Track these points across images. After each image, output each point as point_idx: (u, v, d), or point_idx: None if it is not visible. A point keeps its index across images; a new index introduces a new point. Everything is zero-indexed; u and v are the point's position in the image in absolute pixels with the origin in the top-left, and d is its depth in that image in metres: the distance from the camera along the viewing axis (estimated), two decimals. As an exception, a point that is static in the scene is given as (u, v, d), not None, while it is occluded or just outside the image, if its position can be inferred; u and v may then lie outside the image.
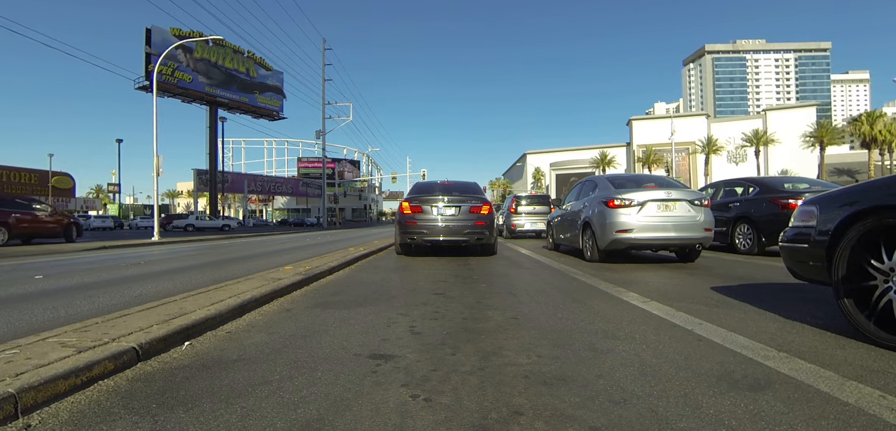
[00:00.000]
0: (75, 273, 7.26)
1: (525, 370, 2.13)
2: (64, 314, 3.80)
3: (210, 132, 43.32)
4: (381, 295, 4.25)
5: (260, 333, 2.90)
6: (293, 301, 4.05)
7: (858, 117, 42.69)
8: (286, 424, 1.59)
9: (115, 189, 57.69)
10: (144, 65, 36.22)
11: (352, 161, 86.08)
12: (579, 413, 1.65)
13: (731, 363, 2.19)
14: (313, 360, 2.32)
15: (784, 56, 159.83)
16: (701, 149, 55.13)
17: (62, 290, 5.26)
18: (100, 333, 2.49)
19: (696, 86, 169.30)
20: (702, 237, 6.63)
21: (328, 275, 5.73)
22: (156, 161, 19.26)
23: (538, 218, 16.24)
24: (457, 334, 2.80)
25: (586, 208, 7.62)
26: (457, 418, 1.62)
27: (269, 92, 48.16)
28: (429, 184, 9.90)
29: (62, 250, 12.88)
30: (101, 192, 79.15)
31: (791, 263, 3.06)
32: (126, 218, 62.78)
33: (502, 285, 4.86)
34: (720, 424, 1.56)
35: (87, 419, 1.66)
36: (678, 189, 7.04)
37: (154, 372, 2.16)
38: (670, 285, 4.80)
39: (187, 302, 3.42)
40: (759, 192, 8.52)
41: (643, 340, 2.62)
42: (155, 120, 19.14)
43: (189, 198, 78.23)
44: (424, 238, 7.95)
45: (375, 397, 1.83)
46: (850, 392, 1.81)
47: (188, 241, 19.21)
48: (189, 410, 1.72)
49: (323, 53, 46.67)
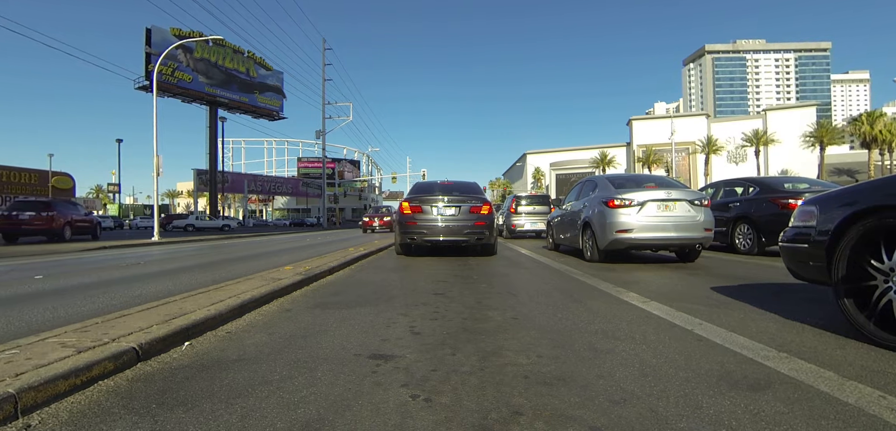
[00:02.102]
0: (75, 273, 7.26)
1: (525, 370, 2.13)
2: (64, 314, 3.80)
3: (210, 132, 43.30)
4: (381, 296, 4.25)
5: (260, 333, 2.90)
6: (293, 301, 4.05)
7: (858, 117, 42.70)
8: (286, 424, 1.59)
9: (115, 189, 57.67)
10: (144, 65, 36.20)
11: (352, 161, 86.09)
12: (579, 413, 1.65)
13: (731, 363, 2.19)
14: (313, 360, 2.32)
15: (784, 56, 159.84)
16: (701, 149, 55.13)
17: (62, 290, 5.26)
18: (100, 333, 2.49)
19: (696, 86, 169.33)
20: (702, 237, 6.63)
21: (328, 275, 5.73)
22: (156, 161, 19.26)
23: (538, 218, 16.24)
24: (457, 334, 2.80)
25: (586, 208, 7.62)
26: (457, 418, 1.62)
27: (269, 92, 48.14)
28: (429, 184, 9.90)
29: (62, 250, 12.88)
30: (101, 192, 79.18)
31: (791, 263, 3.06)
32: (126, 218, 62.75)
33: (502, 285, 4.86)
34: (720, 424, 1.56)
35: (86, 419, 1.66)
36: (678, 189, 7.04)
37: (154, 373, 2.16)
38: (670, 285, 4.80)
39: (187, 303, 3.42)
40: (759, 192, 8.52)
41: (643, 340, 2.62)
42: (155, 120, 19.15)
43: (189, 198, 78.29)
44: (424, 238, 7.95)
45: (375, 397, 1.83)
46: (850, 392, 1.81)
47: (188, 241, 19.21)
48: (189, 410, 1.72)
49: (323, 53, 46.71)
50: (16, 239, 16.81)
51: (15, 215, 16.59)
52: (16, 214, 16.61)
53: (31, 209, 16.97)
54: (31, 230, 16.71)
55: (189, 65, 39.91)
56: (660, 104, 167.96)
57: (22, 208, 16.92)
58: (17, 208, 16.93)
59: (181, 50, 38.04)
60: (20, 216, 16.58)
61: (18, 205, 17.20)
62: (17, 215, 16.58)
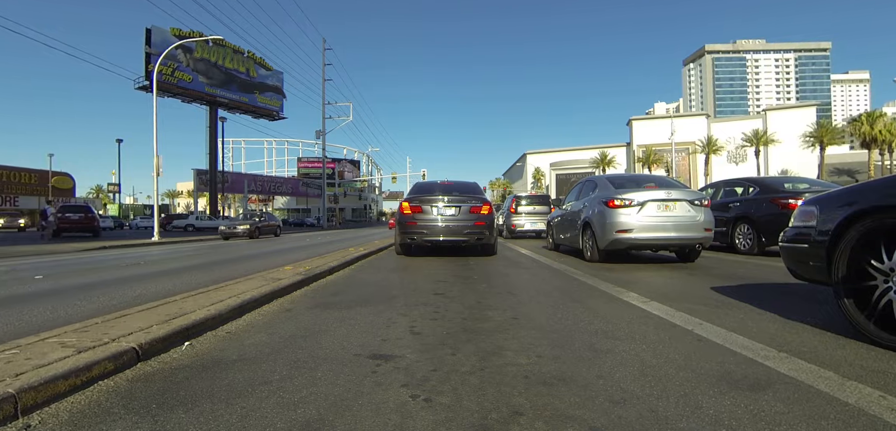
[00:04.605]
0: (75, 273, 7.26)
1: (525, 370, 2.13)
2: (64, 314, 3.80)
3: (210, 132, 43.29)
4: (381, 296, 4.24)
5: (260, 333, 2.90)
6: (293, 301, 4.05)
7: (858, 117, 42.69)
8: (286, 424, 1.59)
9: (115, 189, 57.68)
10: (144, 65, 36.20)
11: (352, 161, 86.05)
12: (579, 413, 1.65)
13: (731, 363, 2.19)
14: (313, 360, 2.32)
15: (784, 56, 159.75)
16: (701, 149, 55.13)
17: (62, 290, 5.26)
18: (100, 333, 2.49)
19: (696, 87, 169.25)
20: (702, 237, 6.63)
21: (328, 275, 5.73)
22: (156, 161, 19.26)
23: (538, 218, 16.24)
24: (457, 334, 2.80)
25: (586, 208, 7.62)
26: (457, 418, 1.62)
27: (269, 92, 48.13)
28: (429, 184, 9.91)
29: (62, 250, 12.88)
30: (101, 192, 79.17)
31: (791, 263, 3.06)
32: (126, 218, 62.68)
33: (502, 285, 4.86)
34: (720, 424, 1.56)
35: (86, 419, 1.66)
36: (678, 189, 7.04)
37: (154, 373, 2.16)
38: (670, 285, 4.80)
39: (187, 303, 3.42)
40: (759, 192, 8.52)
41: (643, 340, 2.62)
42: (155, 120, 19.15)
43: (189, 198, 78.21)
44: (424, 238, 7.95)
45: (375, 397, 1.83)
46: (850, 392, 1.81)
47: (188, 241, 19.22)
48: (189, 410, 1.72)
49: (323, 53, 46.71)
50: (60, 235, 20.84)
51: (68, 216, 21.35)
52: (68, 216, 21.42)
53: (75, 211, 22.20)
54: (77, 228, 21.35)
55: (189, 65, 39.90)
56: (660, 104, 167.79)
57: (70, 211, 22.12)
58: (66, 211, 21.99)
59: (181, 50, 38.03)
60: (72, 217, 21.42)
61: (66, 209, 22.42)
62: (69, 216, 21.40)
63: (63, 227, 21.03)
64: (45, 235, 21.23)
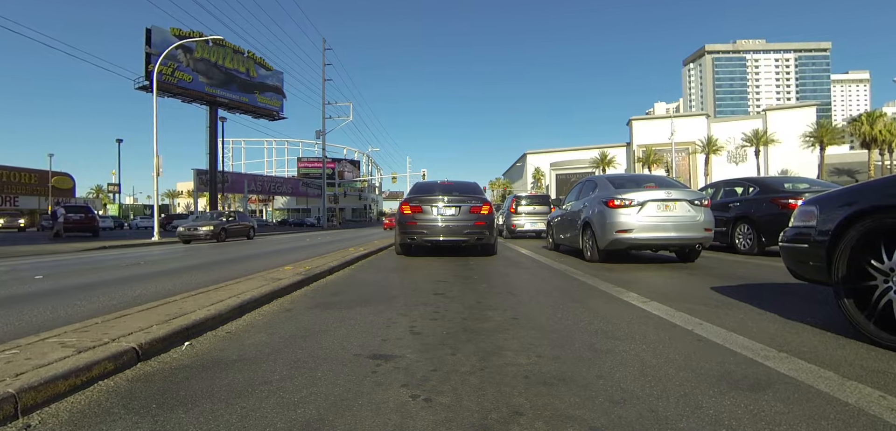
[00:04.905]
0: (75, 273, 7.26)
1: (525, 370, 2.13)
2: (64, 314, 3.80)
3: (210, 132, 43.26)
4: (381, 296, 4.24)
5: (260, 333, 2.90)
6: (293, 301, 4.05)
7: (858, 117, 42.68)
8: (286, 424, 1.59)
9: (115, 189, 57.65)
10: (144, 65, 36.16)
11: (352, 161, 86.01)
12: (579, 413, 1.65)
13: (731, 363, 2.19)
14: (313, 360, 2.32)
15: (784, 56, 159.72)
16: (701, 149, 55.11)
17: (62, 290, 5.26)
18: (100, 333, 2.49)
19: (696, 87, 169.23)
20: (702, 237, 6.63)
21: (328, 275, 5.73)
22: (156, 161, 19.27)
23: (538, 218, 16.23)
24: (457, 334, 2.80)
25: (586, 208, 7.62)
26: (457, 418, 1.62)
27: (269, 92, 48.10)
28: (429, 184, 9.91)
29: (62, 250, 12.88)
30: (101, 192, 79.16)
31: (791, 263, 3.05)
32: (126, 218, 62.69)
33: (502, 285, 4.86)
34: (720, 424, 1.56)
35: (86, 419, 1.66)
36: (678, 189, 7.04)
37: (154, 373, 2.16)
38: (670, 285, 4.80)
39: (187, 303, 3.42)
40: (759, 192, 8.52)
41: (643, 340, 2.62)
42: (155, 120, 19.15)
43: (189, 198, 78.19)
44: (424, 238, 7.95)
45: (375, 397, 1.83)
46: (850, 392, 1.81)
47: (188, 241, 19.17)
48: (189, 410, 1.72)
49: (323, 53, 46.74)
50: (61, 235, 21.45)
51: (69, 216, 22.27)
52: (72, 216, 22.36)
53: (75, 211, 22.95)
54: (77, 228, 22.17)
55: (189, 65, 39.87)
56: (660, 104, 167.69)
57: (70, 211, 22.89)
58: (70, 211, 22.84)
59: (181, 50, 38.01)
60: (72, 217, 22.25)
61: (69, 209, 23.17)
62: (70, 216, 22.29)
63: (66, 228, 21.90)
64: (58, 232, 21.96)
